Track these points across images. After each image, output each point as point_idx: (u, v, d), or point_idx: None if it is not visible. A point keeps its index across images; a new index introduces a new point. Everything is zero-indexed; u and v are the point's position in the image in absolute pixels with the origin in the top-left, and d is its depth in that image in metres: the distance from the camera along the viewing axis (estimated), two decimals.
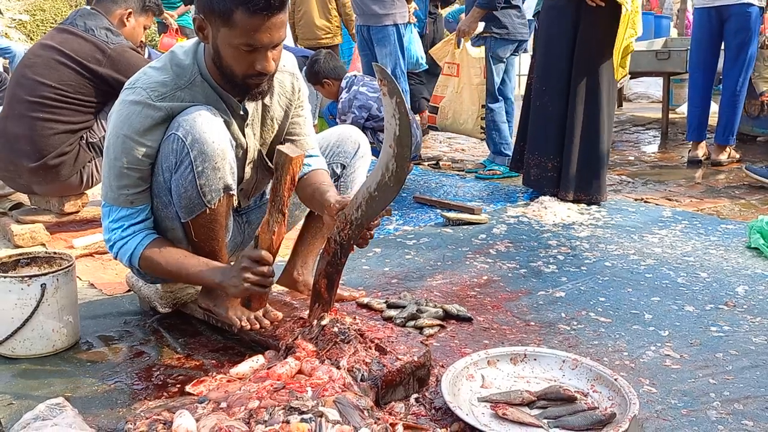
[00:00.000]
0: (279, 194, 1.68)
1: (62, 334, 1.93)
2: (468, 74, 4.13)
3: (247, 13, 1.61)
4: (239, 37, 1.65)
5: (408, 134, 1.54)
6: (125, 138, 1.74)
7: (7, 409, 1.63)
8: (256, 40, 1.65)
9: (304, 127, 2.07)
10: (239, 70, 1.72)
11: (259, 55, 1.69)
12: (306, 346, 1.68)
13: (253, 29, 1.64)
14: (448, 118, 4.27)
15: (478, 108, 4.14)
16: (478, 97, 4.15)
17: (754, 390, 1.70)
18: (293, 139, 2.06)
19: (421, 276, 2.54)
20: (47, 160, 2.91)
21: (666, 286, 2.42)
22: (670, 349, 1.93)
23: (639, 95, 8.34)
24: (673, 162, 4.89)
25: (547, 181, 3.64)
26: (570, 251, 2.83)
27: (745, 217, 3.36)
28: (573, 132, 3.54)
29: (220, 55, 1.72)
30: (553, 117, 3.59)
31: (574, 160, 3.54)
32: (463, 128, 4.29)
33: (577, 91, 3.51)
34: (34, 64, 2.94)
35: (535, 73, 3.72)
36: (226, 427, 1.36)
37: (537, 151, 3.68)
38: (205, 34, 1.72)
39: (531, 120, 3.75)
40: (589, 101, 3.51)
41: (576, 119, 3.52)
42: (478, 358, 1.75)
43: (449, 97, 4.25)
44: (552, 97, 3.59)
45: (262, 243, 1.71)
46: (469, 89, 4.15)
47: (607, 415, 1.50)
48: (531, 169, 3.71)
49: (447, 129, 4.51)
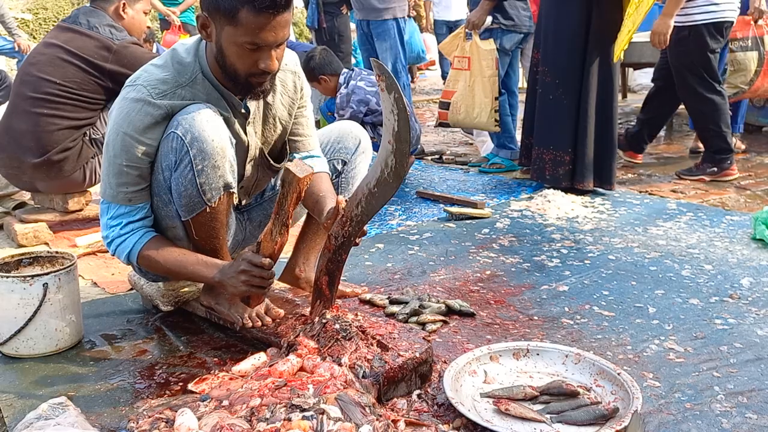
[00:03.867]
0: (284, 209, 1.69)
1: (65, 333, 1.93)
2: (480, 67, 4.08)
3: (253, 11, 1.61)
4: (244, 36, 1.65)
5: (407, 130, 1.53)
6: (125, 136, 1.74)
7: (11, 409, 1.63)
8: (260, 38, 1.65)
9: (306, 127, 2.07)
10: (243, 68, 1.72)
11: (263, 54, 1.69)
12: (308, 344, 1.68)
13: (258, 28, 1.64)
14: (460, 113, 4.22)
15: (491, 100, 4.11)
16: (491, 89, 4.11)
17: (758, 383, 1.69)
18: (296, 140, 2.06)
19: (423, 271, 2.54)
20: (51, 155, 2.92)
21: (670, 278, 2.41)
22: (674, 342, 1.92)
23: (643, 86, 8.28)
24: (678, 153, 4.86)
25: (565, 174, 3.62)
26: (574, 245, 2.81)
27: (751, 208, 3.34)
28: (587, 122, 3.54)
29: (223, 54, 1.72)
30: (568, 110, 3.58)
31: (590, 149, 3.56)
32: (477, 122, 4.23)
33: (590, 82, 3.51)
34: (39, 62, 2.95)
35: (545, 67, 3.68)
36: (228, 425, 1.36)
37: (552, 146, 3.65)
38: (209, 33, 1.72)
39: (542, 114, 3.71)
40: (603, 91, 3.53)
41: (590, 109, 3.53)
42: (480, 354, 1.74)
43: (461, 92, 4.19)
44: (566, 90, 3.56)
45: (264, 250, 1.72)
46: (481, 82, 4.11)
47: (610, 409, 1.50)
48: (546, 164, 3.67)
49: (459, 124, 4.44)
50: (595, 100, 3.53)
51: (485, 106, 4.12)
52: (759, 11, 4.15)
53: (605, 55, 3.51)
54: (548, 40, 3.67)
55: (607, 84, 3.53)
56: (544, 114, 3.71)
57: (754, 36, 4.15)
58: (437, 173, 4.35)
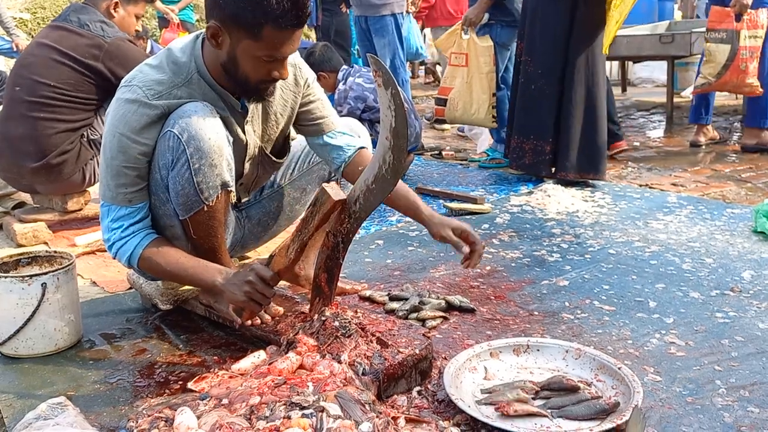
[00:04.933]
0: (308, 227, 1.67)
1: (64, 332, 1.93)
2: (477, 63, 4.08)
3: (278, 28, 1.63)
4: (264, 50, 1.67)
5: (404, 126, 1.52)
6: (122, 137, 1.73)
7: (10, 409, 1.63)
8: (280, 52, 1.68)
9: (323, 109, 2.06)
10: (255, 77, 1.74)
11: (277, 64, 1.72)
12: (307, 341, 1.68)
13: (280, 43, 1.66)
14: (458, 109, 4.22)
15: (489, 97, 4.11)
16: (488, 85, 4.11)
17: (760, 376, 1.68)
18: (317, 123, 2.04)
19: (423, 267, 2.53)
20: (49, 159, 2.91)
21: (671, 272, 2.40)
22: (675, 336, 1.91)
23: (643, 80, 8.27)
24: (679, 147, 4.84)
25: (544, 164, 3.66)
26: (574, 239, 2.81)
27: (751, 201, 3.33)
28: (572, 113, 3.55)
29: (236, 63, 1.72)
30: (550, 99, 3.59)
31: (575, 140, 3.57)
32: (475, 118, 4.24)
33: (575, 72, 3.52)
34: (31, 64, 2.93)
35: (528, 57, 3.68)
36: (227, 423, 1.35)
37: (532, 135, 3.68)
38: (219, 42, 1.71)
39: (523, 104, 3.73)
40: (590, 81, 3.54)
41: (575, 100, 3.54)
42: (480, 350, 1.74)
43: (458, 88, 4.19)
44: (549, 79, 3.59)
45: (275, 265, 1.71)
46: (479, 78, 4.11)
47: (611, 404, 1.49)
48: (526, 153, 3.71)
49: (456, 121, 4.45)
50: (583, 91, 3.53)
51: (483, 102, 4.12)
52: (741, 5, 4.02)
53: (590, 44, 3.53)
54: (533, 30, 3.68)
55: (593, 74, 3.53)
56: (525, 104, 3.73)
57: (732, 29, 4.09)
58: (436, 169, 4.34)
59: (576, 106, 3.54)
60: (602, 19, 3.51)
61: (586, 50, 3.52)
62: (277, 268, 1.71)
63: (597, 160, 3.59)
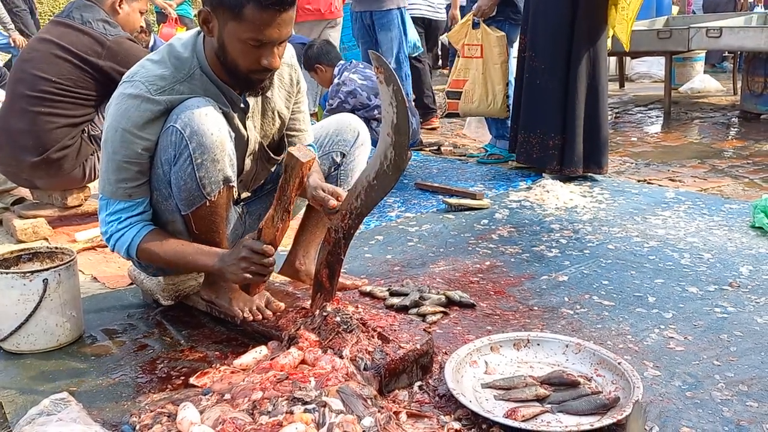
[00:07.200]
0: (286, 194, 1.67)
1: (66, 328, 1.94)
2: (492, 54, 4.06)
3: (259, 8, 1.61)
4: (248, 32, 1.65)
5: (406, 122, 1.53)
6: (124, 132, 1.73)
7: (12, 405, 1.63)
8: (265, 35, 1.65)
9: (303, 122, 2.09)
10: (244, 64, 1.72)
11: (265, 51, 1.69)
12: (309, 336, 1.69)
13: (263, 24, 1.63)
14: (473, 101, 4.18)
15: (503, 87, 4.10)
16: (502, 75, 4.10)
17: (759, 371, 1.69)
18: (293, 135, 2.08)
19: (423, 263, 2.54)
20: (49, 154, 2.90)
21: (669, 267, 2.41)
22: (674, 331, 1.92)
23: (641, 75, 8.27)
24: (677, 142, 4.85)
25: (549, 158, 3.67)
26: (573, 235, 2.81)
27: (749, 196, 3.34)
28: (576, 108, 3.56)
29: (225, 50, 1.71)
30: (555, 94, 3.59)
31: (580, 135, 3.58)
32: (491, 109, 4.19)
33: (578, 67, 3.53)
34: (33, 59, 2.93)
35: (532, 52, 3.69)
36: (230, 418, 1.36)
37: (538, 129, 3.68)
38: (210, 28, 1.71)
39: (529, 99, 3.74)
40: (591, 76, 3.56)
41: (579, 95, 3.55)
42: (481, 345, 1.75)
43: (473, 80, 4.16)
44: (552, 74, 3.59)
45: (265, 236, 1.70)
46: (493, 69, 4.10)
47: (611, 399, 1.50)
48: (532, 147, 3.72)
49: (472, 113, 4.36)
50: (585, 85, 3.55)
51: (498, 92, 4.11)
52: None
53: (593, 39, 3.53)
54: (535, 25, 3.68)
55: (595, 68, 3.55)
56: (531, 98, 3.73)
57: None
58: (435, 165, 4.35)
59: (579, 101, 3.56)
60: (604, 13, 3.52)
61: (588, 44, 3.52)
62: (268, 239, 1.69)
63: (600, 153, 3.62)
